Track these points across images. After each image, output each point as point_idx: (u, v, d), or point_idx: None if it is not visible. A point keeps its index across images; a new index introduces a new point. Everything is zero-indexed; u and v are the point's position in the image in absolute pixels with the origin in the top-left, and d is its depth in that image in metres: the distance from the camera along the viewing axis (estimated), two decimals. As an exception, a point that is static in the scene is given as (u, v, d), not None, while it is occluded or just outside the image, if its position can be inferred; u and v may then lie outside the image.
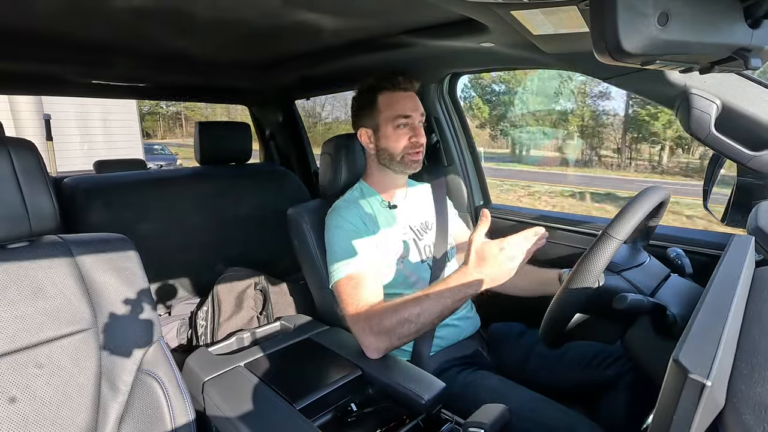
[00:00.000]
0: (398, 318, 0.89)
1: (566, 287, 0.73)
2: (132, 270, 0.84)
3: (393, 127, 1.12)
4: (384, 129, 1.12)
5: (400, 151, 1.12)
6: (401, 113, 1.11)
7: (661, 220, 0.90)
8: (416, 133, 1.12)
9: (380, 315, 0.92)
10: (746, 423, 0.31)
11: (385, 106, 1.12)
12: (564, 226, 1.35)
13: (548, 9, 0.72)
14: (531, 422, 0.87)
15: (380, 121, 1.13)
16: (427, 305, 0.88)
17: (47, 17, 0.99)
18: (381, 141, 1.14)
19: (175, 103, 23.47)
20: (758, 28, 0.44)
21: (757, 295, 0.51)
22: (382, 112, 1.12)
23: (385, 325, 0.91)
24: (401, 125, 1.11)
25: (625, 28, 0.39)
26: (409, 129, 1.12)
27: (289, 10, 0.99)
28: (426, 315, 0.88)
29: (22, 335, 0.71)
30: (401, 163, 1.13)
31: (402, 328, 0.89)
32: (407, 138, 1.12)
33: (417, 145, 1.12)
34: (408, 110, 1.12)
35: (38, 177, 0.73)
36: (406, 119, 1.12)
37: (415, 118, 1.13)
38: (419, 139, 1.12)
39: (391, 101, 1.12)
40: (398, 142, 1.11)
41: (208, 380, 0.95)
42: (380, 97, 1.13)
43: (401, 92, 1.13)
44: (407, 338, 0.91)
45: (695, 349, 0.34)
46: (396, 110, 1.11)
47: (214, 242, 1.55)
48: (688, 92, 0.83)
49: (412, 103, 1.13)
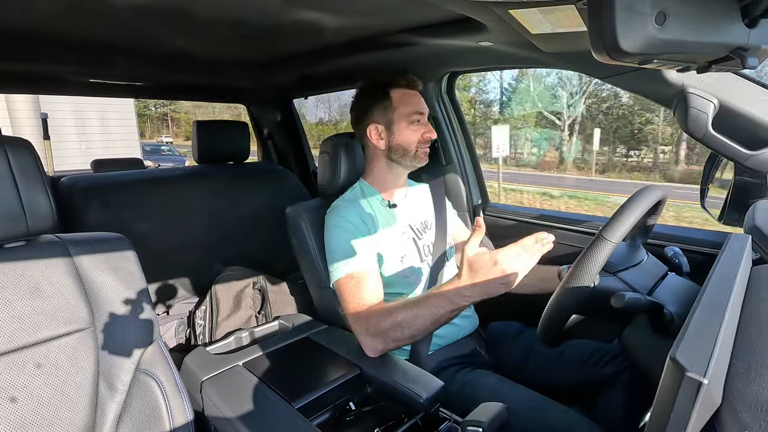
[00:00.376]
0: (392, 321, 0.90)
1: (563, 287, 0.73)
2: (130, 269, 0.83)
3: (408, 122, 1.13)
4: (398, 124, 1.14)
5: (415, 146, 1.14)
6: (416, 109, 1.14)
7: (659, 218, 0.90)
8: (428, 129, 1.15)
9: (377, 316, 0.93)
10: (743, 421, 0.31)
11: (400, 103, 1.14)
12: (564, 225, 1.35)
13: (546, 8, 0.72)
14: (529, 421, 0.87)
15: (395, 117, 1.14)
16: (421, 312, 0.87)
17: (46, 16, 0.98)
18: (395, 137, 1.14)
19: (163, 105, 23.58)
20: (755, 28, 0.44)
21: (754, 294, 0.51)
22: (397, 109, 1.13)
23: (381, 327, 0.92)
24: (415, 121, 1.14)
25: (622, 28, 0.39)
26: (422, 125, 1.15)
27: (288, 9, 0.99)
28: (419, 322, 0.87)
29: (19, 335, 0.71)
30: (414, 158, 1.15)
31: (395, 332, 0.90)
32: (421, 134, 1.14)
33: (429, 140, 1.15)
34: (422, 108, 1.16)
35: (35, 176, 0.73)
36: (421, 116, 1.15)
37: (426, 116, 1.17)
38: (432, 135, 1.15)
39: (405, 98, 1.14)
40: (413, 138, 1.14)
41: (207, 379, 0.95)
42: (393, 93, 1.14)
43: (413, 90, 1.16)
44: (402, 342, 0.92)
45: (692, 348, 0.34)
46: (412, 107, 1.14)
47: (213, 241, 1.55)
48: (685, 91, 0.83)
49: (421, 101, 1.17)
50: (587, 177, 13.97)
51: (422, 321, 0.87)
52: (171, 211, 1.48)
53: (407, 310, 0.89)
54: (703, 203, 1.04)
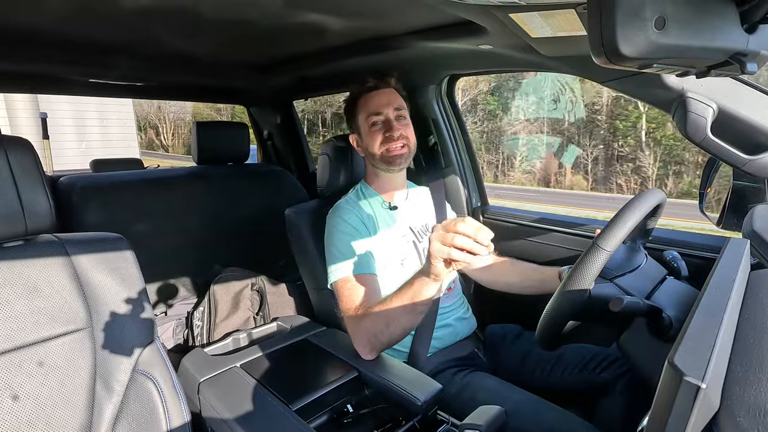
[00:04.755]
0: (377, 316, 0.91)
1: (560, 293, 0.73)
2: (128, 270, 0.83)
3: (368, 126, 1.13)
4: (362, 130, 1.14)
5: (378, 148, 1.12)
6: (372, 111, 1.12)
7: (658, 221, 0.90)
8: (389, 127, 1.10)
9: (371, 319, 0.93)
10: (741, 425, 0.31)
11: (360, 108, 1.14)
12: (562, 228, 1.36)
13: (546, 12, 0.72)
14: (527, 424, 0.87)
15: (360, 124, 1.15)
16: (395, 295, 0.88)
17: (47, 16, 0.98)
18: (363, 143, 1.15)
19: (148, 109, 23.58)
20: (754, 33, 0.44)
21: (752, 299, 0.51)
22: (359, 115, 1.15)
23: (371, 327, 0.92)
24: (374, 123, 1.12)
25: (622, 32, 0.39)
26: (382, 125, 1.12)
27: (290, 10, 0.99)
28: (397, 305, 0.87)
29: (17, 334, 0.70)
30: (383, 161, 1.13)
31: (380, 324, 0.90)
32: (381, 134, 1.11)
33: (392, 138, 1.10)
34: (378, 107, 1.12)
35: (34, 175, 0.73)
36: (378, 116, 1.12)
37: (388, 112, 1.12)
38: (393, 133, 1.10)
39: (364, 102, 1.14)
40: (374, 141, 1.12)
41: (204, 381, 0.95)
42: (358, 102, 1.15)
43: (373, 92, 1.14)
44: (390, 335, 0.92)
45: (690, 352, 0.34)
46: (368, 109, 1.12)
47: (212, 242, 1.55)
48: (684, 96, 0.83)
49: (384, 99, 1.13)
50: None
51: (399, 303, 0.86)
52: (170, 212, 1.48)
53: (385, 300, 0.90)
54: (701, 207, 1.04)
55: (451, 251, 0.70)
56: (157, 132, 24.46)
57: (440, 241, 0.71)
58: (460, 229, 0.69)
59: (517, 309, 1.21)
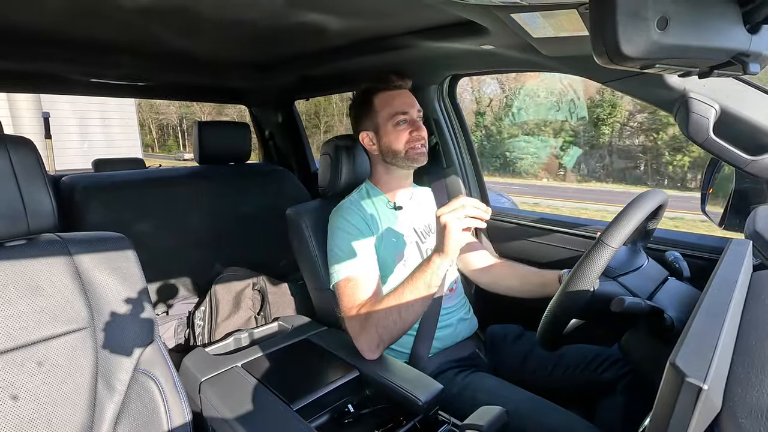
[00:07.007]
0: (380, 311, 0.92)
1: (563, 291, 0.73)
2: (130, 269, 0.83)
3: (392, 124, 1.13)
4: (384, 128, 1.14)
5: (403, 146, 1.13)
6: (399, 110, 1.13)
7: (659, 222, 0.90)
8: (416, 126, 1.13)
9: (382, 311, 0.93)
10: (742, 427, 0.31)
11: (382, 106, 1.14)
12: (563, 228, 1.35)
13: (548, 12, 0.72)
14: (528, 424, 0.87)
15: (379, 121, 1.14)
16: (400, 288, 0.92)
17: (48, 16, 0.98)
18: (383, 140, 1.14)
19: (140, 109, 23.90)
20: (757, 33, 0.44)
21: (754, 299, 0.51)
22: (380, 112, 1.14)
23: (384, 320, 0.92)
24: (400, 122, 1.13)
25: (624, 32, 0.39)
26: (408, 124, 1.13)
27: (291, 10, 0.99)
28: (404, 297, 0.91)
29: (19, 333, 0.71)
30: (406, 158, 1.14)
31: (386, 319, 0.92)
32: (408, 132, 1.13)
33: (419, 138, 1.13)
34: (405, 107, 1.13)
35: (37, 175, 0.73)
36: (404, 115, 1.13)
37: (413, 113, 1.14)
38: (420, 132, 1.13)
39: (387, 100, 1.14)
40: (400, 139, 1.13)
41: (205, 380, 0.95)
42: (376, 98, 1.15)
43: (395, 90, 1.15)
44: (393, 330, 0.93)
45: (692, 353, 0.34)
46: (394, 108, 1.13)
47: (213, 242, 1.55)
48: (686, 96, 0.83)
49: (408, 100, 1.15)
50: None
51: (412, 287, 0.91)
52: (172, 211, 1.48)
53: (394, 291, 0.93)
54: (703, 208, 1.04)
55: (466, 219, 0.83)
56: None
57: (455, 217, 0.83)
58: (466, 203, 0.84)
59: (518, 309, 1.21)
